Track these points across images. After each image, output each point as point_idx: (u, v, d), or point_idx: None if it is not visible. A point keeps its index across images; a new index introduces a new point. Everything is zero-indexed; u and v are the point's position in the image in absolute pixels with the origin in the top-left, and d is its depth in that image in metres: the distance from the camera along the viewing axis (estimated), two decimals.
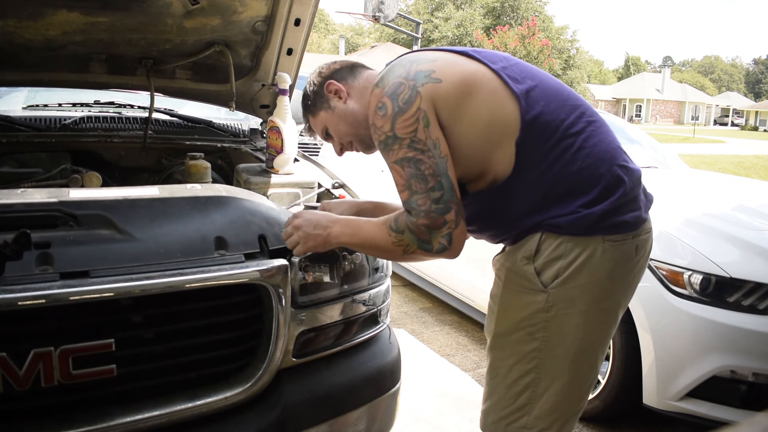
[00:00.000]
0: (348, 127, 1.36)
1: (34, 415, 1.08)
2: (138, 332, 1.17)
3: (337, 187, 1.80)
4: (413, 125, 1.15)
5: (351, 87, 1.35)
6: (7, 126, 1.96)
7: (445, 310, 3.67)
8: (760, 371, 2.07)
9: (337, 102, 1.35)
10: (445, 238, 1.16)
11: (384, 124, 1.17)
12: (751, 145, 24.67)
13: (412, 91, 1.16)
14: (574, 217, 1.16)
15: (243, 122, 2.44)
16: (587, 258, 1.17)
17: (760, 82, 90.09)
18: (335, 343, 1.45)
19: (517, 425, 1.25)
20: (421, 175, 1.14)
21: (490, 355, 1.32)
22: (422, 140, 1.14)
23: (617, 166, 1.20)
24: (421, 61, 1.20)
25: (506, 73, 1.21)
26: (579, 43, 53.86)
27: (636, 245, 1.22)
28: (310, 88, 1.40)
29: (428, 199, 1.14)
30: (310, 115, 1.41)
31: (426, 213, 1.14)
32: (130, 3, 1.66)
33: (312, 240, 1.29)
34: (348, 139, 1.38)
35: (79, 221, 1.18)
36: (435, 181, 1.14)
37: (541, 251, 1.20)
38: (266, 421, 1.27)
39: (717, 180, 3.71)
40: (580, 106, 1.24)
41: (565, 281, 1.18)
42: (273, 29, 1.86)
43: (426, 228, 1.15)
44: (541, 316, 1.21)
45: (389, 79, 1.19)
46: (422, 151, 1.14)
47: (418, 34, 15.78)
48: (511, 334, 1.25)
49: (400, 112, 1.15)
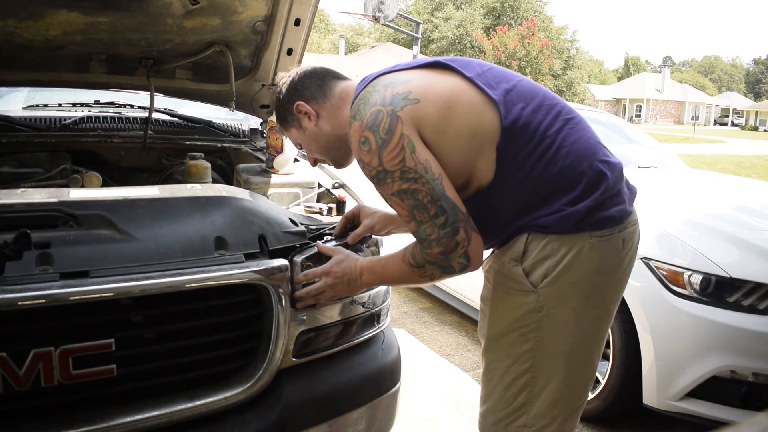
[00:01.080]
0: (319, 148, 1.35)
1: (34, 415, 1.08)
2: (138, 332, 1.17)
3: (337, 187, 1.80)
4: (399, 154, 1.13)
5: (321, 107, 1.32)
6: (7, 126, 1.96)
7: (445, 310, 3.67)
8: (760, 371, 2.07)
9: (307, 123, 1.33)
10: (463, 258, 1.15)
11: (371, 160, 1.14)
12: (751, 145, 24.66)
13: (392, 117, 1.13)
14: (560, 215, 1.17)
15: (243, 122, 2.44)
16: (575, 255, 1.18)
17: (760, 82, 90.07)
18: (335, 343, 1.45)
19: (516, 425, 1.25)
20: (421, 205, 1.13)
21: (485, 358, 1.32)
22: (412, 168, 1.13)
23: (598, 162, 1.20)
24: (395, 83, 1.18)
25: (481, 81, 1.20)
26: (579, 43, 53.88)
27: (623, 239, 1.23)
28: (280, 102, 1.36)
29: (435, 227, 1.13)
30: (283, 128, 1.40)
31: (437, 241, 1.14)
32: (130, 3, 1.66)
33: (344, 293, 1.35)
34: (320, 157, 1.39)
35: (79, 221, 1.18)
36: (436, 207, 1.13)
37: (529, 252, 1.20)
38: (266, 421, 1.27)
39: (717, 180, 3.70)
40: (557, 104, 1.23)
41: (555, 280, 1.19)
42: (273, 29, 1.86)
43: (442, 255, 1.15)
44: (533, 316, 1.21)
45: (366, 109, 1.16)
46: (415, 179, 1.13)
47: (418, 34, 15.77)
48: (505, 336, 1.26)
49: (384, 144, 1.13)
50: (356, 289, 1.34)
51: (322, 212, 1.60)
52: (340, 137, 1.31)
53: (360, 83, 1.27)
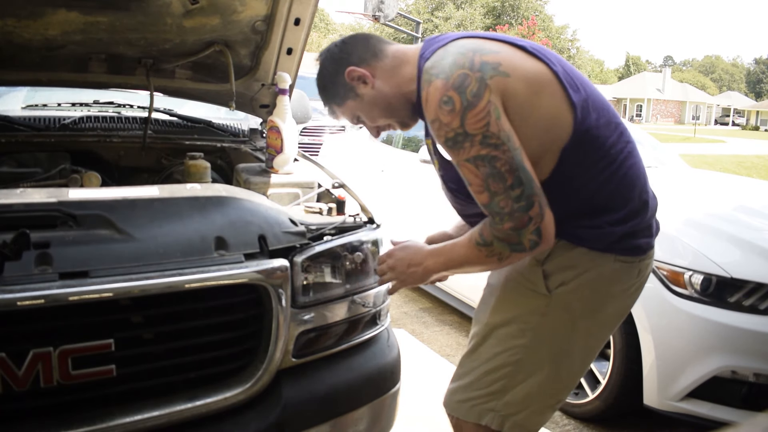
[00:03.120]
0: (382, 112, 1.27)
1: (34, 415, 1.08)
2: (137, 332, 1.16)
3: (337, 187, 1.80)
4: (485, 119, 1.06)
5: (375, 68, 1.24)
6: (6, 126, 1.96)
7: (445, 310, 3.67)
8: (760, 372, 2.07)
9: (363, 89, 1.24)
10: (534, 234, 1.10)
11: (452, 121, 1.07)
12: (752, 145, 24.65)
13: (480, 83, 1.07)
14: (598, 232, 1.17)
15: (243, 122, 2.44)
16: (597, 274, 1.19)
17: (761, 82, 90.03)
18: (335, 344, 1.44)
19: (485, 407, 1.26)
20: (498, 173, 1.07)
21: (475, 340, 1.32)
22: (495, 134, 1.06)
23: (645, 193, 1.23)
24: (483, 50, 1.11)
25: (565, 79, 1.15)
26: (579, 43, 53.93)
27: (639, 268, 1.25)
28: (328, 77, 1.28)
29: (509, 199, 1.08)
30: (334, 105, 1.31)
31: (510, 215, 1.09)
32: (129, 3, 1.65)
33: (410, 278, 1.30)
34: (384, 123, 1.30)
35: (79, 221, 1.18)
36: (513, 177, 1.07)
37: (554, 256, 1.20)
38: (266, 421, 1.27)
39: (718, 180, 3.70)
40: (620, 124, 1.23)
41: (569, 290, 1.20)
42: (273, 29, 1.86)
43: (513, 230, 1.10)
44: (536, 317, 1.22)
45: (451, 69, 1.08)
46: (496, 146, 1.07)
47: (418, 33, 15.77)
48: (502, 327, 1.27)
49: (469, 106, 1.06)
50: (420, 275, 1.28)
51: (322, 212, 1.60)
52: (402, 96, 1.24)
53: (429, 43, 1.20)
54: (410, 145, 4.28)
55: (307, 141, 6.51)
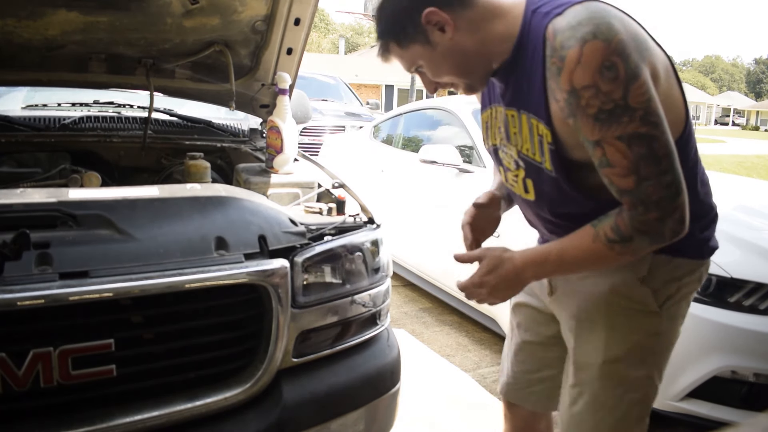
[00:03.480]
0: (454, 68, 1.09)
1: (34, 415, 1.08)
2: (137, 332, 1.16)
3: (337, 187, 1.80)
4: (647, 93, 0.94)
5: (460, 17, 1.04)
6: (6, 126, 1.96)
7: (445, 310, 3.67)
8: (761, 372, 2.07)
9: (439, 37, 1.05)
10: (678, 223, 1.00)
11: (614, 90, 0.93)
12: (752, 145, 24.66)
13: (639, 55, 0.95)
14: (693, 240, 1.12)
15: (243, 122, 2.44)
16: (694, 280, 1.18)
17: (761, 82, 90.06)
18: (335, 344, 1.44)
19: None
20: (654, 156, 0.95)
21: (592, 387, 1.18)
22: (655, 111, 0.95)
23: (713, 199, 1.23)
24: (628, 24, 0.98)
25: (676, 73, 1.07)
26: None
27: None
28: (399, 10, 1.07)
29: (659, 186, 0.96)
30: (395, 45, 1.10)
31: (656, 204, 0.97)
32: (129, 2, 1.66)
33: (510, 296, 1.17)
34: (449, 80, 1.12)
35: (79, 221, 1.18)
36: (667, 161, 0.96)
37: (656, 272, 1.14)
38: (266, 421, 1.26)
39: (718, 180, 3.69)
40: None
41: (676, 302, 1.18)
42: (273, 29, 1.86)
43: (657, 221, 0.99)
44: (653, 339, 1.17)
45: (609, 31, 0.93)
46: (656, 125, 0.95)
47: None
48: (622, 361, 1.17)
49: (634, 77, 0.93)
50: (522, 286, 1.15)
51: (322, 212, 1.60)
52: (485, 56, 1.08)
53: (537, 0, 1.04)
54: (410, 145, 4.28)
55: (307, 141, 6.51)
